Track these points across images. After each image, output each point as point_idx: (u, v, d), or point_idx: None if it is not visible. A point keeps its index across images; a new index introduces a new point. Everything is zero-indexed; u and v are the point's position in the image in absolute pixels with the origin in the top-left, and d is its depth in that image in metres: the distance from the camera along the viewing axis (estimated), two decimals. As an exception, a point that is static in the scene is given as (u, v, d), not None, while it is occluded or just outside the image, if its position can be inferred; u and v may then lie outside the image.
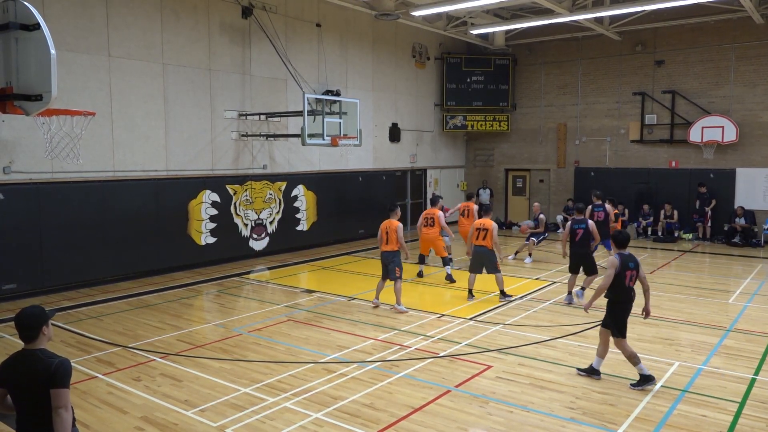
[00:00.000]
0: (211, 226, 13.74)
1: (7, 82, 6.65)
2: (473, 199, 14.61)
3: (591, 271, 10.42)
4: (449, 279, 12.21)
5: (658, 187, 18.91)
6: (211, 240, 13.73)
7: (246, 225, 14.59)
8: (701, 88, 18.30)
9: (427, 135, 20.93)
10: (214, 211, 13.78)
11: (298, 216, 16.03)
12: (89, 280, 11.62)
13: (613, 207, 13.03)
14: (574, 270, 10.44)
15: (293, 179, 15.79)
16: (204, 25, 13.39)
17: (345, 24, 17.08)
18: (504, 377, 6.96)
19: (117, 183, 11.94)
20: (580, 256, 10.33)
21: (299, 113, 13.58)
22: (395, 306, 9.87)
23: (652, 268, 13.69)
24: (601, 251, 13.63)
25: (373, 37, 18.16)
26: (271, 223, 15.25)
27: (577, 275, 10.47)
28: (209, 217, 13.67)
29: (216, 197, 13.79)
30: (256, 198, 14.74)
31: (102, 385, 6.73)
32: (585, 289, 10.62)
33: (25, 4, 6.59)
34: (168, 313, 9.88)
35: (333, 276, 13.18)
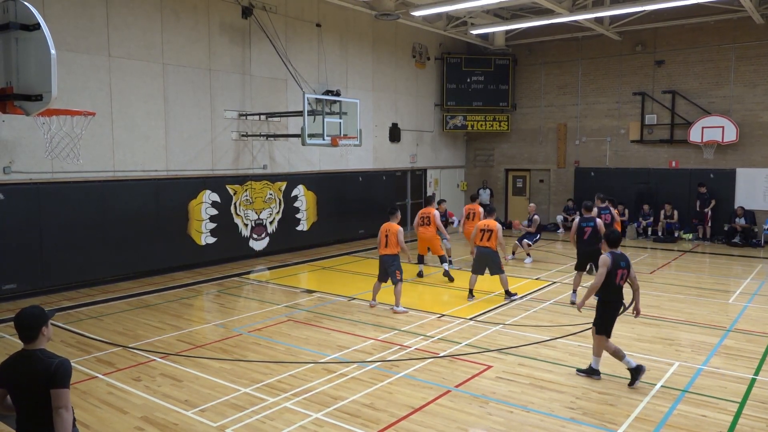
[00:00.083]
0: (211, 226, 13.74)
1: (7, 82, 6.66)
2: (477, 200, 14.59)
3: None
4: (447, 276, 12.28)
5: (658, 187, 18.91)
6: (211, 240, 13.73)
7: (246, 225, 14.59)
8: (701, 88, 18.30)
9: (427, 135, 20.93)
10: (214, 211, 13.78)
11: (298, 216, 16.03)
12: (89, 280, 11.62)
13: (613, 207, 13.03)
14: (580, 267, 10.42)
15: (293, 179, 15.79)
16: (204, 25, 13.39)
17: (345, 24, 17.08)
18: (504, 377, 6.96)
19: (117, 183, 11.94)
20: (589, 254, 10.26)
21: (299, 113, 13.58)
22: (394, 308, 9.88)
23: (652, 268, 13.70)
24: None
25: (373, 37, 18.16)
26: (271, 223, 15.25)
27: (583, 273, 10.46)
28: (209, 217, 13.68)
29: (216, 197, 13.79)
30: (256, 198, 14.74)
31: (102, 385, 6.73)
32: None
33: (25, 4, 6.59)
34: (168, 313, 9.88)
35: (333, 276, 13.18)
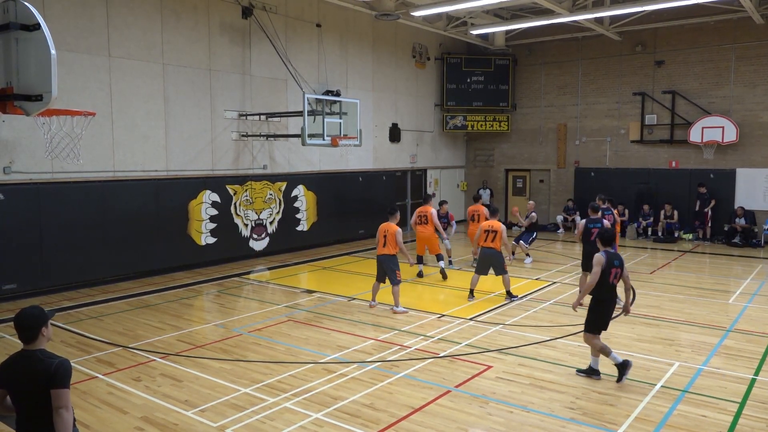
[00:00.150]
0: (212, 226, 13.74)
1: (8, 83, 6.66)
2: (480, 201, 14.57)
3: None
4: (442, 274, 12.46)
5: (658, 188, 18.90)
6: (211, 240, 13.73)
7: (246, 225, 14.58)
8: (701, 88, 18.30)
9: (427, 135, 20.93)
10: (214, 212, 13.78)
11: (298, 216, 16.03)
12: (89, 280, 11.62)
13: (613, 208, 13.04)
14: (586, 268, 10.32)
15: (293, 179, 15.79)
16: (204, 25, 13.39)
17: (345, 24, 17.08)
18: (504, 377, 6.96)
19: (117, 183, 11.94)
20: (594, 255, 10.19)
21: (299, 113, 13.58)
22: (394, 308, 9.88)
23: (652, 268, 13.70)
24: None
25: (373, 37, 18.16)
26: (271, 223, 15.25)
27: (588, 274, 10.38)
28: (209, 218, 13.68)
29: (216, 197, 13.79)
30: (256, 198, 14.74)
31: (102, 385, 6.73)
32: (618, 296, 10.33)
33: (26, 4, 6.59)
34: (168, 313, 9.88)
35: (333, 276, 13.18)
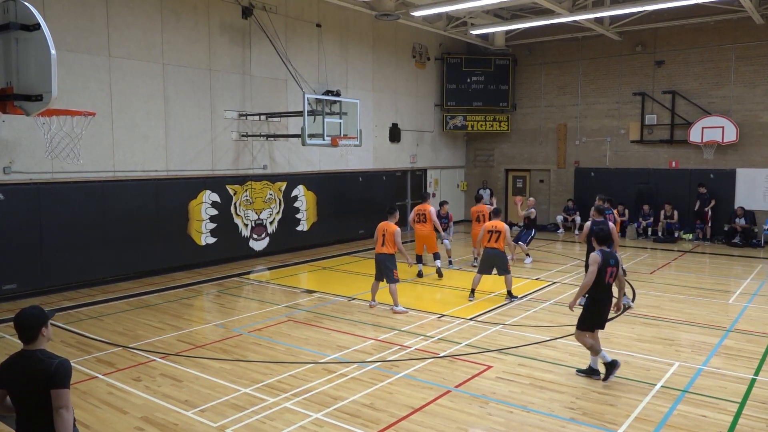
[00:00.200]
0: (211, 226, 13.74)
1: (8, 83, 6.65)
2: (482, 201, 14.56)
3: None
4: (438, 273, 12.65)
5: (658, 188, 18.91)
6: (211, 240, 13.73)
7: (246, 225, 14.58)
8: (701, 88, 18.30)
9: (427, 135, 20.93)
10: (214, 212, 13.78)
11: (298, 216, 16.03)
12: (89, 280, 11.62)
13: (613, 208, 13.04)
14: None
15: (293, 179, 15.79)
16: (204, 25, 13.39)
17: (345, 24, 17.08)
18: (504, 377, 6.96)
19: (117, 183, 11.94)
20: None
21: (299, 113, 13.58)
22: (393, 308, 9.88)
23: (652, 268, 13.70)
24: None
25: (373, 37, 18.16)
26: (271, 223, 15.25)
27: None
28: (209, 218, 13.67)
29: (216, 197, 13.78)
30: (256, 198, 14.74)
31: (102, 385, 6.73)
32: (626, 295, 10.22)
33: (26, 4, 6.59)
34: (168, 313, 9.88)
35: (333, 276, 13.18)
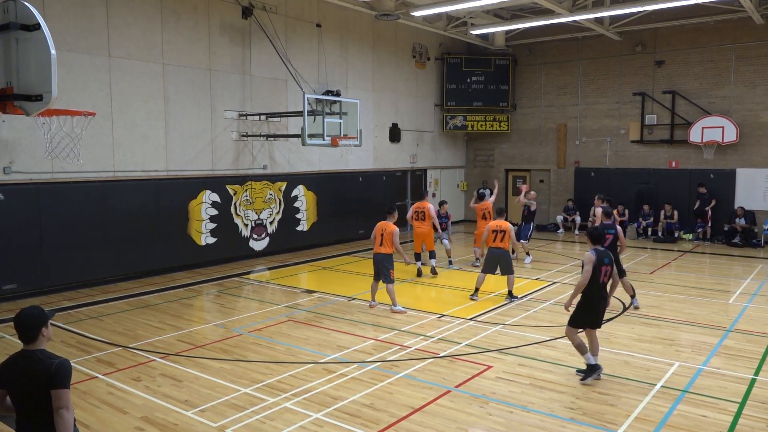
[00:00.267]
0: (211, 226, 13.74)
1: (8, 83, 6.65)
2: (486, 198, 14.56)
3: (621, 274, 10.01)
4: (433, 272, 12.78)
5: (658, 188, 18.90)
6: (211, 240, 13.73)
7: (246, 225, 14.58)
8: (701, 88, 18.30)
9: (427, 135, 20.93)
10: (214, 212, 13.78)
11: (298, 216, 16.03)
12: (89, 280, 11.62)
13: (613, 208, 13.04)
14: None
15: (293, 179, 15.79)
16: (204, 25, 13.39)
17: (345, 24, 17.08)
18: (504, 377, 6.96)
19: (117, 183, 11.94)
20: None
21: (299, 113, 13.58)
22: (392, 308, 9.88)
23: (652, 268, 13.70)
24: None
25: (373, 37, 18.16)
26: (271, 223, 15.25)
27: None
28: (209, 218, 13.67)
29: (216, 197, 13.78)
30: (256, 198, 14.74)
31: (102, 385, 6.73)
32: (635, 297, 10.18)
33: (26, 4, 6.59)
34: (168, 313, 9.88)
35: (333, 276, 13.17)
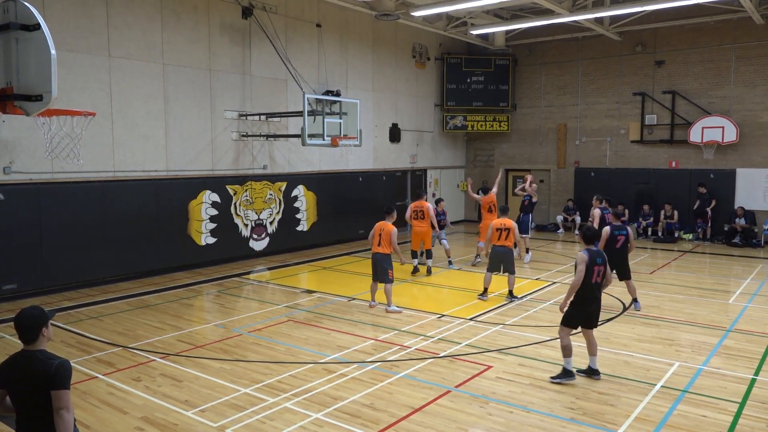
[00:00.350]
0: (211, 226, 13.74)
1: (8, 83, 6.66)
2: (489, 192, 14.56)
3: (627, 276, 10.07)
4: (428, 272, 12.86)
5: (658, 188, 18.91)
6: (211, 240, 13.73)
7: (246, 225, 14.58)
8: (701, 88, 18.30)
9: (427, 135, 20.93)
10: (214, 212, 13.78)
11: (298, 216, 16.03)
12: (89, 280, 11.62)
13: (611, 207, 13.04)
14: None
15: (293, 179, 15.79)
16: (204, 26, 13.39)
17: (345, 24, 17.08)
18: (504, 377, 6.96)
19: (117, 183, 11.94)
20: (618, 262, 9.93)
21: (299, 113, 13.58)
22: (387, 308, 9.89)
23: (652, 268, 13.70)
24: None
25: (373, 37, 18.16)
26: (271, 223, 15.25)
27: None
28: (209, 218, 13.67)
29: (216, 197, 13.78)
30: (256, 198, 14.74)
31: (102, 386, 6.73)
32: (638, 301, 10.13)
33: (26, 4, 6.60)
34: (168, 313, 9.88)
35: (333, 276, 13.18)
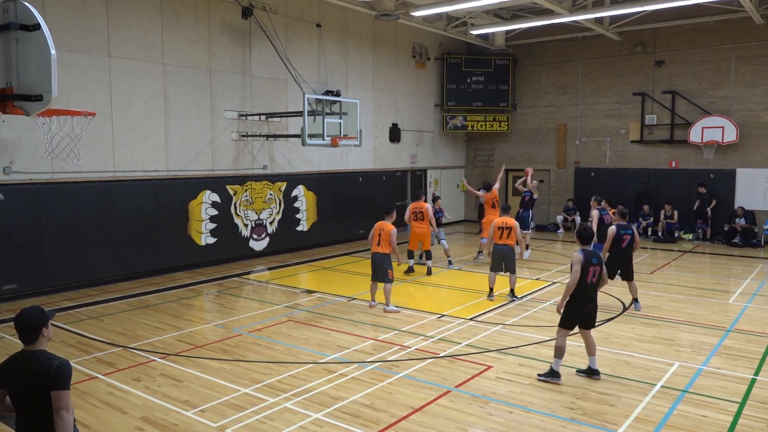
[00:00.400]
0: (211, 226, 13.73)
1: (8, 83, 6.65)
2: (492, 188, 14.57)
3: (629, 276, 10.05)
4: (428, 271, 12.90)
5: (658, 188, 18.91)
6: (211, 240, 13.73)
7: (246, 225, 14.58)
8: (701, 88, 18.30)
9: (427, 135, 20.93)
10: (214, 212, 13.78)
11: (298, 216, 16.03)
12: (89, 280, 11.62)
13: (611, 207, 13.04)
14: (611, 275, 9.80)
15: (293, 179, 15.79)
16: (204, 26, 13.39)
17: (345, 24, 17.08)
18: (504, 377, 6.96)
19: (117, 183, 11.94)
20: (623, 262, 9.96)
21: (299, 113, 13.58)
22: (385, 308, 9.89)
23: (652, 268, 13.70)
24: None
25: (373, 37, 18.16)
26: (271, 223, 15.25)
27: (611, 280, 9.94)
28: (209, 218, 13.67)
29: (216, 197, 13.78)
30: (256, 198, 14.74)
31: (102, 386, 6.73)
32: (638, 301, 10.10)
33: (26, 4, 6.59)
34: (168, 313, 9.88)
35: (333, 276, 13.18)
